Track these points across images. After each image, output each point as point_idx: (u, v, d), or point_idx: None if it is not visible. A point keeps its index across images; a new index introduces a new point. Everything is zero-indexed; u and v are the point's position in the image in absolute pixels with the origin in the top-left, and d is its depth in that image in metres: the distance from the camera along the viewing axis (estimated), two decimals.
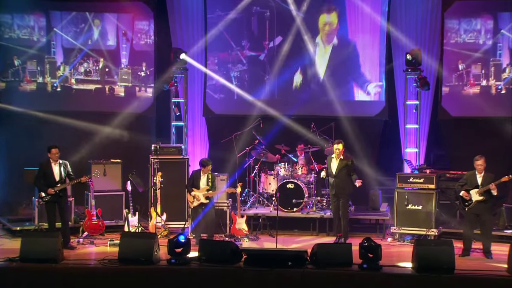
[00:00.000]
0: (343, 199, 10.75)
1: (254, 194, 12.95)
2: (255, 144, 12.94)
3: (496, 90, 13.12)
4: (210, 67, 13.76)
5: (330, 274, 8.77)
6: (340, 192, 10.77)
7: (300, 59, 13.57)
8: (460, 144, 12.95)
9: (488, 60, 13.14)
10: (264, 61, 13.70)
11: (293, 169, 12.72)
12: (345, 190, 10.83)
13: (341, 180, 10.75)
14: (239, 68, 13.66)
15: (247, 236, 11.56)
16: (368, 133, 13.74)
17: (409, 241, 11.27)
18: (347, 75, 13.61)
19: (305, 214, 12.27)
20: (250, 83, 13.66)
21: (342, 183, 10.78)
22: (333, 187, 10.82)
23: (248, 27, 13.52)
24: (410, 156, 13.23)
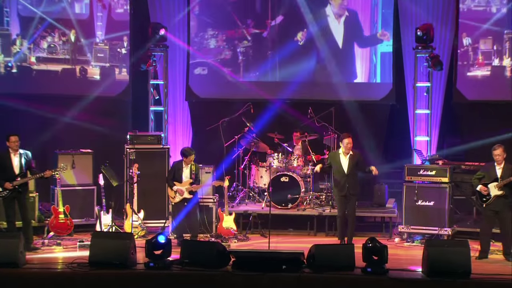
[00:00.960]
0: (354, 199, 10.74)
1: (243, 189, 12.97)
2: (245, 132, 12.95)
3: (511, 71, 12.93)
4: (218, 44, 13.74)
5: (330, 279, 8.77)
6: (352, 193, 10.75)
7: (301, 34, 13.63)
8: (478, 131, 12.97)
9: (501, 33, 12.87)
10: (267, 38, 13.72)
11: (288, 160, 12.70)
12: (357, 189, 10.86)
13: (353, 179, 10.74)
14: (245, 45, 13.72)
15: (235, 236, 11.57)
16: (373, 119, 13.78)
17: (419, 241, 11.31)
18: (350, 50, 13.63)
19: (302, 211, 12.29)
20: (255, 58, 13.66)
21: (354, 182, 10.78)
22: (344, 188, 10.71)
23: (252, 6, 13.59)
24: (420, 146, 13.24)
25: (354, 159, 10.74)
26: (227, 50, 13.65)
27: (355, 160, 10.74)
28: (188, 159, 11.10)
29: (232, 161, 12.93)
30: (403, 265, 9.57)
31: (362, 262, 9.03)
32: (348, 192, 10.72)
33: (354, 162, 10.72)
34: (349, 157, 10.73)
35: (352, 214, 10.85)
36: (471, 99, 13.29)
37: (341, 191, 10.75)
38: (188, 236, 11.07)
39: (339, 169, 10.75)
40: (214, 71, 13.93)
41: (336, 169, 10.78)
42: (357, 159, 10.76)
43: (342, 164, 10.76)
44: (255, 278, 8.77)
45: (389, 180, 13.38)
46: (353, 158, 10.74)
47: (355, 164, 10.74)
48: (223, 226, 11.64)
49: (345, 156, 10.75)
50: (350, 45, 13.61)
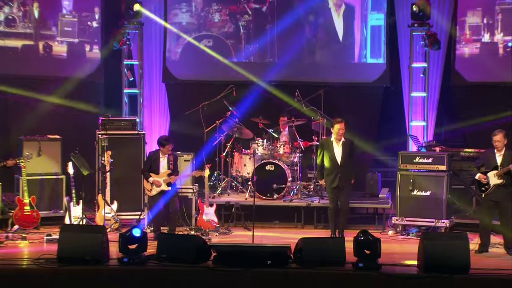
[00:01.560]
0: (347, 190, 10.72)
1: (225, 178, 12.95)
2: (227, 117, 12.93)
3: (505, 49, 12.99)
4: (222, 18, 13.83)
5: (318, 274, 8.76)
6: (346, 184, 10.71)
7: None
8: (478, 116, 12.98)
9: (492, 4, 12.92)
10: (266, 12, 13.78)
11: (274, 147, 12.69)
12: (350, 178, 10.79)
13: (346, 169, 10.68)
14: (246, 19, 13.84)
15: (217, 229, 11.58)
16: (365, 103, 13.80)
17: (415, 234, 11.36)
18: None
19: (288, 202, 12.31)
20: (255, 33, 13.81)
21: (347, 172, 10.72)
22: (336, 179, 10.64)
23: None
24: (416, 131, 13.27)
25: (347, 147, 10.68)
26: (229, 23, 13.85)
27: (348, 148, 10.67)
28: (165, 148, 11.06)
29: (213, 148, 12.94)
30: (398, 260, 9.59)
31: (353, 256, 9.03)
32: (341, 184, 10.66)
33: (347, 151, 10.66)
34: (342, 145, 10.68)
35: (345, 206, 10.83)
36: (470, 81, 13.34)
37: (333, 182, 10.70)
38: (165, 229, 11.06)
39: (332, 159, 10.67)
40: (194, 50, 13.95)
41: (328, 158, 10.69)
42: (351, 147, 10.68)
43: (334, 152, 10.67)
44: (238, 274, 8.75)
45: (382, 168, 13.44)
46: (346, 146, 10.69)
47: (349, 153, 10.64)
48: (204, 219, 11.64)
49: (337, 144, 10.66)
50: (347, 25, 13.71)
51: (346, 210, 10.82)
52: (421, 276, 8.78)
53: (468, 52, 13.02)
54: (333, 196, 10.75)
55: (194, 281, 8.80)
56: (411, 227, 11.59)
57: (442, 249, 8.81)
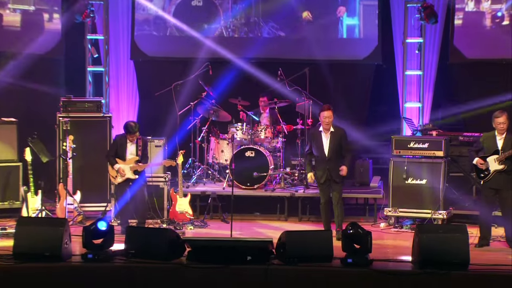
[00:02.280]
0: (338, 187, 10.63)
1: (201, 166, 12.97)
2: (202, 98, 12.96)
3: (493, 20, 13.05)
4: None
5: (303, 271, 8.78)
6: (336, 178, 10.56)
7: None
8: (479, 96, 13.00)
9: None
10: None
11: (254, 132, 12.69)
12: (342, 175, 10.62)
13: (335, 162, 10.49)
14: None
15: (191, 222, 11.57)
16: (355, 82, 13.81)
17: (409, 226, 11.41)
18: None
19: (270, 191, 12.31)
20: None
21: (336, 165, 10.53)
22: (324, 173, 10.48)
23: None
24: (411, 113, 13.31)
25: (336, 137, 10.51)
26: None
27: (337, 140, 10.52)
28: (132, 136, 10.99)
29: (187, 133, 12.96)
30: (390, 255, 9.63)
31: (341, 251, 9.05)
32: (331, 178, 10.53)
33: (336, 142, 10.50)
34: (331, 136, 10.51)
35: (338, 204, 10.70)
36: (470, 58, 13.36)
37: (320, 177, 10.59)
38: (134, 222, 11.04)
39: (320, 151, 10.53)
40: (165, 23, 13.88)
41: (316, 151, 10.57)
42: (340, 137, 10.53)
43: (323, 144, 10.53)
44: (215, 271, 8.75)
45: (373, 154, 13.45)
46: (336, 136, 10.51)
47: (339, 144, 10.53)
48: (177, 210, 11.63)
49: (326, 134, 10.54)
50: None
51: (341, 208, 10.68)
52: (416, 272, 8.80)
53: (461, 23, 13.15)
54: (323, 192, 10.63)
55: (166, 279, 8.79)
56: (405, 219, 11.63)
57: (439, 243, 8.84)
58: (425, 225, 10.68)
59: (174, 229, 10.31)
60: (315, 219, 11.94)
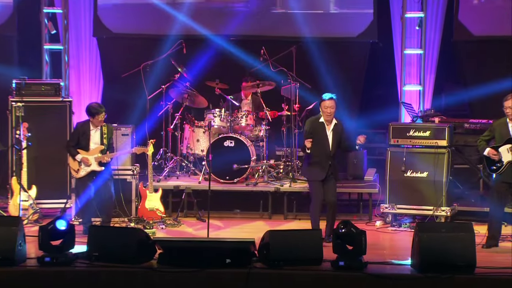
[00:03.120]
0: (333, 181, 10.59)
1: (174, 157, 12.96)
2: (176, 80, 12.92)
3: None
4: None
5: (289, 275, 8.78)
6: (336, 176, 10.60)
7: None
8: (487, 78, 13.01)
9: None
10: None
11: (234, 118, 12.69)
12: (338, 168, 10.72)
13: (335, 158, 10.56)
14: None
15: (163, 221, 11.57)
16: (347, 62, 13.83)
17: (408, 225, 11.46)
18: None
19: (252, 186, 12.33)
20: None
21: (336, 163, 10.63)
22: (324, 169, 10.43)
23: None
24: (411, 98, 13.35)
25: (338, 131, 10.51)
26: None
27: (339, 133, 10.52)
28: (96, 119, 10.95)
29: (158, 120, 12.94)
30: (387, 257, 9.65)
31: (332, 253, 9.06)
32: (331, 175, 10.51)
33: (338, 136, 10.51)
34: (333, 129, 10.50)
35: (333, 200, 10.59)
36: (478, 35, 13.42)
37: (319, 174, 10.47)
38: (98, 220, 11.04)
39: (323, 145, 10.45)
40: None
41: (318, 145, 10.42)
42: (341, 132, 10.55)
43: (328, 138, 10.47)
44: (189, 276, 8.74)
45: (368, 144, 13.10)
46: (338, 129, 10.51)
47: (340, 139, 10.53)
48: (146, 207, 11.65)
49: (328, 126, 10.49)
50: None
51: (334, 202, 10.60)
52: (416, 276, 8.82)
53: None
54: (318, 190, 10.52)
55: (135, 284, 8.78)
56: (404, 217, 11.69)
57: (441, 243, 8.87)
58: (426, 223, 10.68)
59: (143, 229, 10.33)
60: (302, 216, 11.95)
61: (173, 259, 9.01)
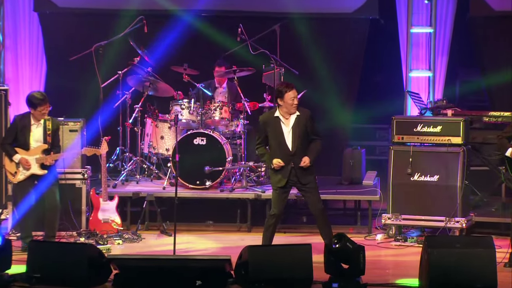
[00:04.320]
0: (311, 187, 10.44)
1: (133, 158, 13.03)
2: (135, 65, 13.00)
3: None
4: None
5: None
6: (304, 179, 10.40)
7: None
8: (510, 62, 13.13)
9: None
10: None
11: (206, 111, 12.74)
12: (311, 171, 10.44)
13: (302, 156, 10.34)
14: None
15: (119, 234, 11.59)
16: (342, 43, 13.94)
17: (416, 239, 11.52)
18: None
19: (228, 192, 12.38)
20: None
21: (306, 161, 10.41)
22: (284, 174, 10.34)
23: None
24: (418, 85, 13.40)
25: (301, 123, 10.36)
26: None
27: (303, 126, 10.37)
28: (38, 111, 10.92)
29: (113, 113, 13.00)
30: (390, 277, 9.71)
31: (324, 273, 9.10)
32: (297, 182, 10.40)
33: (303, 130, 10.36)
34: (295, 123, 10.38)
35: (318, 210, 10.44)
36: (499, 10, 13.49)
37: (280, 180, 10.39)
38: (40, 234, 11.04)
39: (279, 145, 10.40)
40: None
41: (274, 144, 10.42)
42: (305, 123, 10.38)
43: (284, 134, 10.40)
44: None
45: (367, 142, 13.70)
46: (301, 122, 10.37)
47: (305, 133, 10.39)
48: (100, 218, 11.66)
49: (286, 122, 10.42)
50: None
51: (322, 214, 10.48)
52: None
53: None
54: (278, 201, 10.43)
55: None
56: (410, 229, 11.79)
57: (455, 262, 8.90)
58: (437, 237, 10.67)
59: (95, 244, 10.30)
60: (289, 229, 12.03)
61: (131, 281, 9.01)
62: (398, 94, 13.45)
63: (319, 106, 12.90)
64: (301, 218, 12.59)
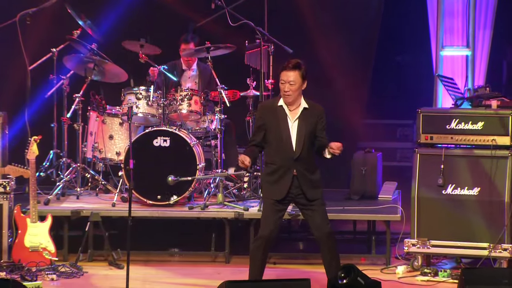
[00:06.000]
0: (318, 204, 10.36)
1: (72, 164, 13.15)
2: (74, 40, 13.13)
3: None
4: None
5: None
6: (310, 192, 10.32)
7: None
8: None
9: None
10: None
11: (170, 102, 12.90)
12: (318, 183, 10.39)
13: (308, 163, 10.37)
14: None
15: (53, 267, 11.56)
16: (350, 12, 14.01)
17: (449, 273, 11.54)
18: None
19: (199, 210, 12.43)
20: None
21: (309, 168, 10.37)
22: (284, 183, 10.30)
23: None
24: (453, 68, 13.45)
25: (310, 120, 10.34)
26: None
27: (312, 124, 10.34)
28: None
29: (46, 104, 13.21)
30: None
31: None
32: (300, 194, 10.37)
33: (310, 128, 10.32)
34: (301, 116, 10.34)
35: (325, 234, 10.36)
36: None
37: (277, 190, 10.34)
38: None
39: (281, 143, 10.36)
40: None
41: (274, 141, 10.38)
42: (317, 122, 10.34)
43: (289, 130, 10.35)
44: None
45: (384, 143, 13.73)
46: (309, 118, 10.33)
47: (313, 133, 10.35)
48: (27, 246, 11.65)
49: (290, 114, 10.38)
50: None
51: (330, 239, 10.41)
52: None
53: None
54: (272, 216, 10.36)
55: None
56: (442, 259, 11.96)
57: None
58: (478, 270, 10.61)
59: (21, 280, 10.40)
60: (281, 259, 12.17)
61: None
62: (426, 80, 13.52)
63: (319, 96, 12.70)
64: (296, 244, 12.67)
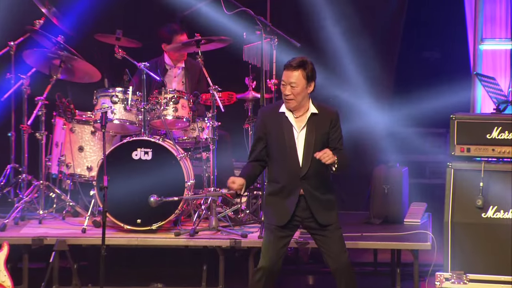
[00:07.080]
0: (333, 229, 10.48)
1: (34, 182, 13.27)
2: (37, 31, 13.33)
3: None
4: None
5: None
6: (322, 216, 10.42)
7: None
8: None
9: None
10: None
11: (153, 106, 12.89)
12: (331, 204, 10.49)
13: (319, 181, 10.45)
14: None
15: None
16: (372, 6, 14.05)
17: None
18: None
19: (188, 238, 12.50)
20: None
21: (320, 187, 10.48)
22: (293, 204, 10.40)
23: None
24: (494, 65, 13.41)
25: (320, 129, 10.46)
26: None
27: (324, 133, 10.46)
28: None
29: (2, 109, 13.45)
30: None
31: None
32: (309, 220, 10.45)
33: (319, 139, 10.42)
34: (309, 124, 10.45)
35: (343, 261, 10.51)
36: None
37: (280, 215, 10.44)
38: None
39: (285, 155, 10.50)
40: None
41: (277, 155, 10.52)
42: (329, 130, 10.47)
43: (295, 141, 10.46)
44: None
45: (411, 156, 13.73)
46: (318, 126, 10.46)
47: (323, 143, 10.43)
48: None
49: (296, 122, 10.44)
50: None
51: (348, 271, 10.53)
52: None
53: None
54: (274, 245, 10.49)
55: None
56: None
57: None
58: None
59: None
60: None
61: None
62: (461, 80, 13.47)
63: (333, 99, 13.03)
64: (305, 278, 12.67)
